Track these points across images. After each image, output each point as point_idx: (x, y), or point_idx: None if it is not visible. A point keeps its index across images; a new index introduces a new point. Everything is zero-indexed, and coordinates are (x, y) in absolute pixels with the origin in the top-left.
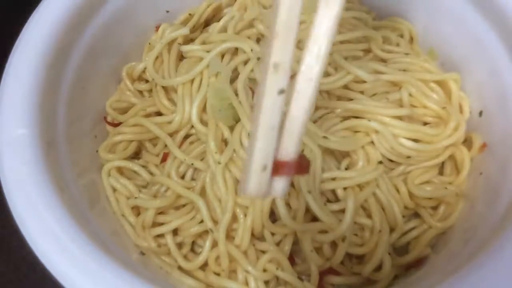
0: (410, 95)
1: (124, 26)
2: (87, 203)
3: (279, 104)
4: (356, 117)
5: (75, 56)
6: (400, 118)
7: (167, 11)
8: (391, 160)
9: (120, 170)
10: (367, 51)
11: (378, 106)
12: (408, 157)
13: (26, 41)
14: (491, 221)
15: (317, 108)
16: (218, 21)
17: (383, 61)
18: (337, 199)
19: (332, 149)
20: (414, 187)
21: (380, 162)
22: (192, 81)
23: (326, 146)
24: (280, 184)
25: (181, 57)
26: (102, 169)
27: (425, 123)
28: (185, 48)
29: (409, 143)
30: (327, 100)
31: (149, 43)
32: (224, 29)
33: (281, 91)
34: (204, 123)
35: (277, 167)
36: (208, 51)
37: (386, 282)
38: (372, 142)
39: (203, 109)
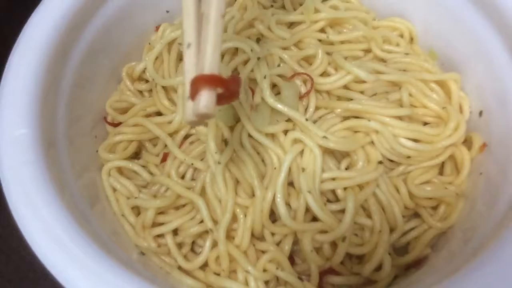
0: (410, 95)
1: (124, 26)
2: (87, 203)
3: (190, 53)
4: (356, 117)
5: (75, 56)
6: (400, 118)
7: (167, 11)
8: (391, 160)
9: (120, 170)
10: (367, 51)
11: (378, 106)
12: (408, 157)
13: (26, 41)
14: (491, 221)
15: (317, 108)
16: None
17: (383, 61)
18: (337, 199)
19: (332, 149)
20: (414, 187)
21: (380, 162)
22: None
23: (326, 146)
24: (204, 98)
25: (181, 57)
26: (102, 169)
27: (425, 123)
28: None
29: (409, 143)
30: (327, 100)
31: (149, 43)
32: (224, 29)
33: (189, 45)
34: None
35: (197, 82)
36: None
37: (386, 282)
38: (372, 142)
39: None
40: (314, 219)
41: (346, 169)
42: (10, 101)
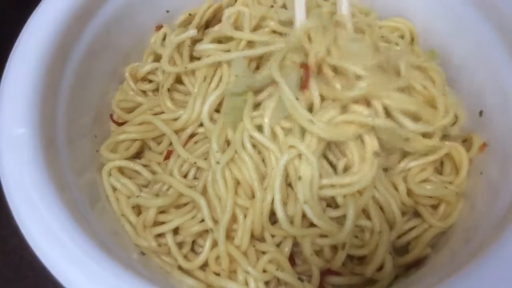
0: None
1: (124, 26)
2: (87, 202)
3: None
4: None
5: (75, 56)
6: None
7: (167, 11)
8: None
9: (120, 170)
10: None
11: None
12: (407, 139)
13: (26, 41)
14: (491, 220)
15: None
16: (219, 21)
17: None
18: (336, 205)
19: (327, 146)
20: (414, 185)
21: (376, 154)
22: (210, 81)
23: (310, 130)
24: None
25: (191, 57)
26: (102, 168)
27: None
28: (200, 47)
29: (411, 124)
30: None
31: (150, 48)
32: (239, 27)
33: None
34: (213, 121)
35: None
36: (226, 51)
37: (387, 282)
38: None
39: (215, 109)
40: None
41: (344, 170)
42: (10, 101)
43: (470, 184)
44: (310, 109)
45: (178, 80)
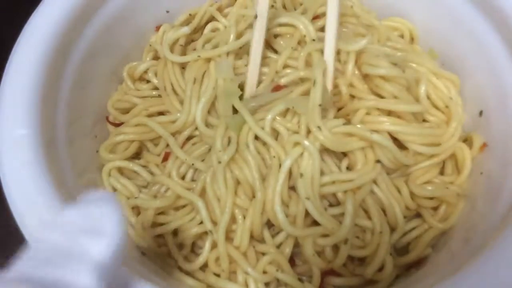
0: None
1: (124, 26)
2: None
3: None
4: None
5: (75, 56)
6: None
7: (167, 11)
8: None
9: (120, 170)
10: None
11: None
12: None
13: (26, 41)
14: (492, 221)
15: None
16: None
17: None
18: (338, 203)
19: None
20: (415, 186)
21: (378, 161)
22: (201, 82)
23: (316, 135)
24: None
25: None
26: (102, 169)
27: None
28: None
29: (421, 148)
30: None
31: (150, 45)
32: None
33: None
34: (208, 125)
35: None
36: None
37: (388, 282)
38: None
39: (208, 111)
40: (316, 222)
41: (347, 168)
42: (10, 101)
43: (470, 184)
44: None
45: None
